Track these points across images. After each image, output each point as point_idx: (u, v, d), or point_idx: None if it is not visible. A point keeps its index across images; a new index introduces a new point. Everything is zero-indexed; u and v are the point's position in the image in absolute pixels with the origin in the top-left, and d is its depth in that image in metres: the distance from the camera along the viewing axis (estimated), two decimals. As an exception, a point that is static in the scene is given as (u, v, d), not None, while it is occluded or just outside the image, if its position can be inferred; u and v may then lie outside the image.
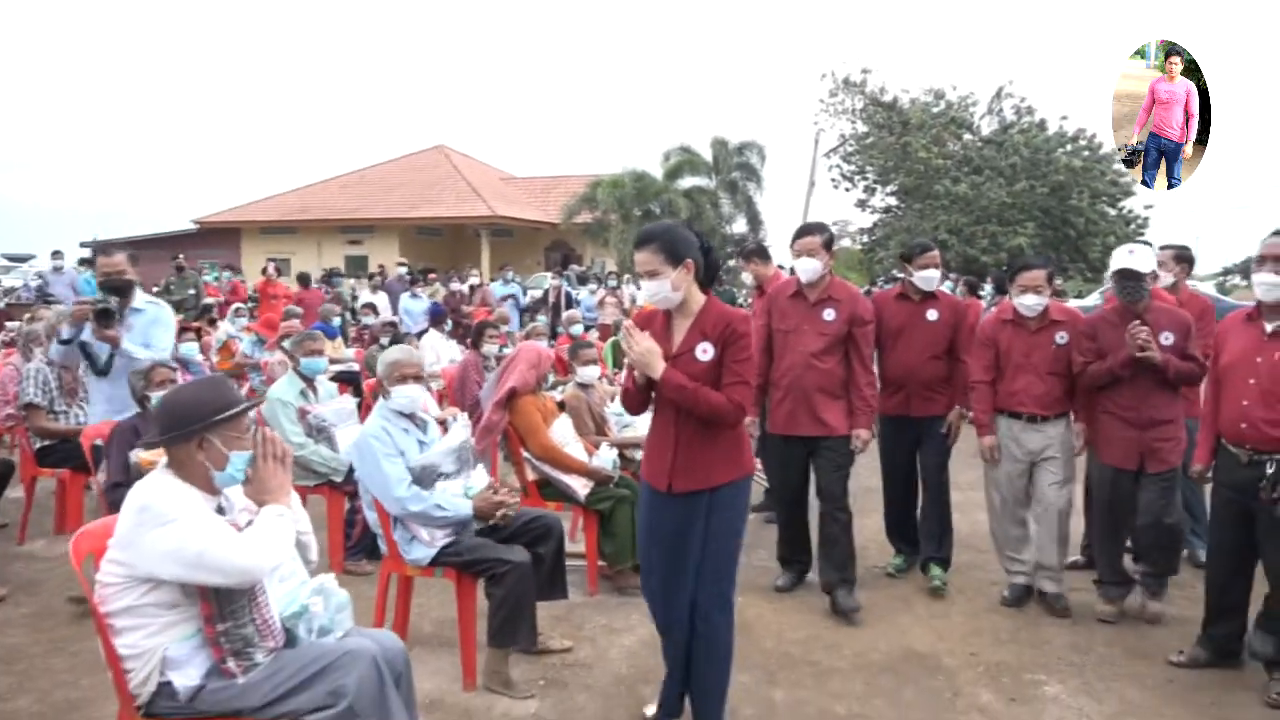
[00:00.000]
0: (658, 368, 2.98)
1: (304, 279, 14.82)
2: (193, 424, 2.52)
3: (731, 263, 20.94)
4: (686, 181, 27.22)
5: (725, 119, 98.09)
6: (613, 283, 17.23)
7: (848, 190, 29.76)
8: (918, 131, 26.38)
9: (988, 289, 12.08)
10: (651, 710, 3.36)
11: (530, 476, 4.93)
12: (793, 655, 4.07)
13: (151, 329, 4.51)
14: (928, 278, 4.85)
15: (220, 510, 2.60)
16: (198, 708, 2.44)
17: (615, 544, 4.72)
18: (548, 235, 30.76)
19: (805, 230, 4.62)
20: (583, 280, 18.92)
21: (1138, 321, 4.20)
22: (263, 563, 2.43)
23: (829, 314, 4.52)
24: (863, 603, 4.53)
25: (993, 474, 4.73)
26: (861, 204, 29.69)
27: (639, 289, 20.90)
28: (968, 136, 27.46)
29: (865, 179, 29.06)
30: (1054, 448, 4.53)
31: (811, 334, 4.52)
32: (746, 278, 6.55)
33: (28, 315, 8.74)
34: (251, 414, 2.70)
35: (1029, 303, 4.50)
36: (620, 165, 26.48)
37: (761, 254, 6.35)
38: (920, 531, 5.09)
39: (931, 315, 4.87)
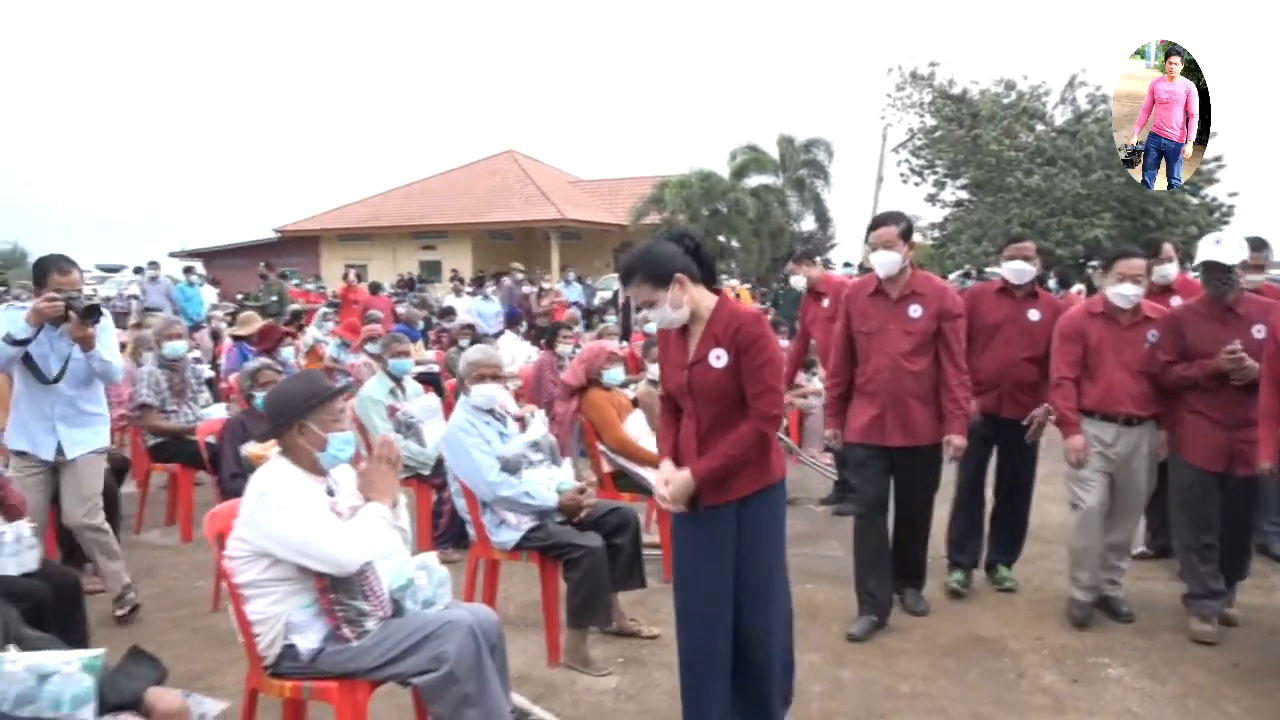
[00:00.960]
0: (692, 487, 2.91)
1: (374, 287, 15.60)
2: (290, 413, 2.84)
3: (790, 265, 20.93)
4: (753, 180, 27.32)
5: (792, 116, 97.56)
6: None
7: (917, 185, 29.40)
8: (988, 123, 25.97)
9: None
10: None
11: (606, 468, 5.17)
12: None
13: (103, 336, 4.32)
14: (1016, 270, 4.64)
15: (330, 492, 2.89)
16: (318, 668, 2.73)
17: (688, 533, 4.92)
18: (616, 237, 31.07)
19: (880, 221, 4.30)
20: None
21: (1235, 346, 3.98)
22: (357, 558, 2.71)
23: (915, 310, 4.20)
24: (928, 589, 4.64)
25: (1080, 479, 4.36)
26: (931, 198, 29.30)
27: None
28: (1040, 127, 26.92)
29: (935, 173, 28.69)
30: (1141, 453, 4.29)
31: (898, 333, 4.20)
32: (798, 281, 6.70)
33: (134, 323, 9.33)
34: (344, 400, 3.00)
35: (1128, 293, 4.23)
36: (687, 165, 26.73)
37: (809, 256, 6.63)
38: (992, 536, 4.92)
39: (1033, 315, 4.64)
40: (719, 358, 2.91)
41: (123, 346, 9.02)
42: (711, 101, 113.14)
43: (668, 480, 2.97)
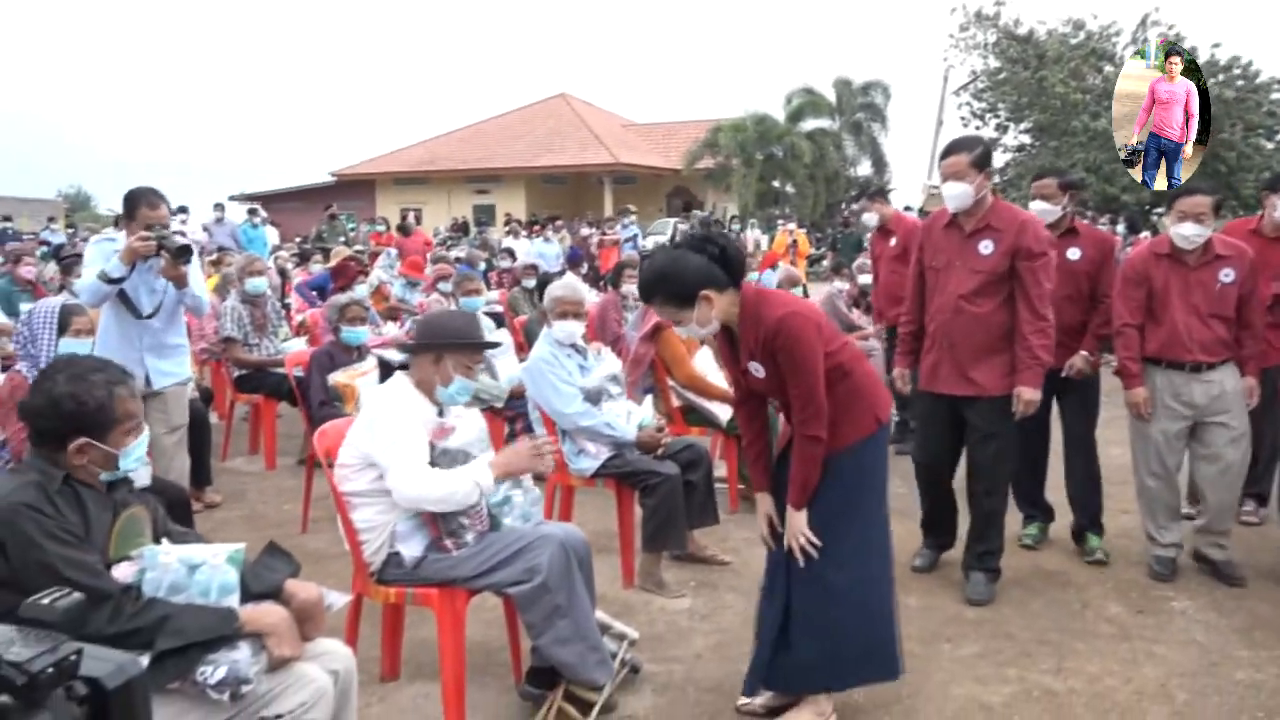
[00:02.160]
0: (804, 516, 2.84)
1: (404, 229, 15.51)
2: (437, 340, 2.99)
3: (855, 205, 20.77)
4: (809, 124, 27.07)
5: (849, 58, 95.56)
6: (736, 227, 17.43)
7: (978, 129, 28.68)
8: (1054, 65, 25.24)
9: (1121, 228, 11.71)
10: (744, 700, 3.11)
11: (675, 403, 5.30)
12: (924, 569, 4.33)
13: (192, 272, 4.42)
14: (1039, 210, 4.34)
15: (440, 413, 3.04)
16: (420, 575, 2.91)
17: (754, 466, 5.05)
18: (670, 181, 30.97)
19: (951, 149, 3.90)
20: (706, 225, 19.21)
21: None
22: (417, 501, 2.84)
23: (986, 246, 3.79)
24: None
25: (1146, 432, 4.18)
26: (993, 143, 28.68)
27: (763, 233, 20.75)
28: (1109, 69, 26.04)
29: (997, 116, 28.03)
30: (1225, 399, 4.01)
31: (964, 271, 3.83)
32: (870, 218, 6.82)
33: (212, 259, 9.63)
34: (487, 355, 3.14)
35: (1188, 233, 3.94)
36: (742, 109, 26.56)
37: (884, 194, 7.13)
38: (1069, 496, 4.61)
39: (1073, 254, 4.36)
40: (757, 370, 2.83)
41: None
42: (767, 44, 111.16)
43: (797, 533, 2.84)
